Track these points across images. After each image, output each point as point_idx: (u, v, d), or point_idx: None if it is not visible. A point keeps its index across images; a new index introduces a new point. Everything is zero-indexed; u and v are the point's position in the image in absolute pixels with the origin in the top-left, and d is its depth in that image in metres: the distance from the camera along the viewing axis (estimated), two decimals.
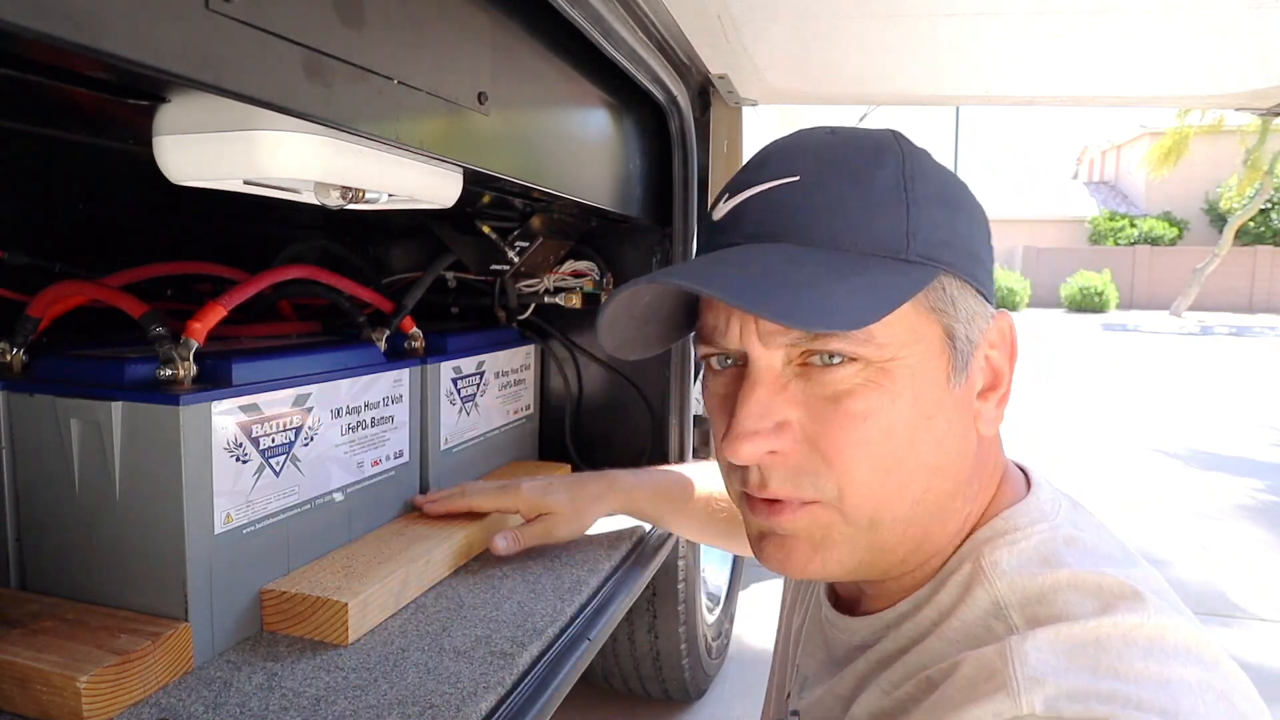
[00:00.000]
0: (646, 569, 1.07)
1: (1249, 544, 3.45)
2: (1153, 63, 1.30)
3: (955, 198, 0.52)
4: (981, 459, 0.54)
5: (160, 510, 0.73)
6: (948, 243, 0.50)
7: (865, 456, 0.49)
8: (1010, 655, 0.43)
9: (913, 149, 0.53)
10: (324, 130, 0.62)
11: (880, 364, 0.49)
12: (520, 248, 1.32)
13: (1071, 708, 0.40)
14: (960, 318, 0.51)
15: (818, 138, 0.53)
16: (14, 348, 0.84)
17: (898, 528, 0.51)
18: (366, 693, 0.71)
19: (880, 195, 0.49)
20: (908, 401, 0.49)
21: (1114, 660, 0.42)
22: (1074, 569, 0.47)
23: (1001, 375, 0.53)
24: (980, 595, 0.49)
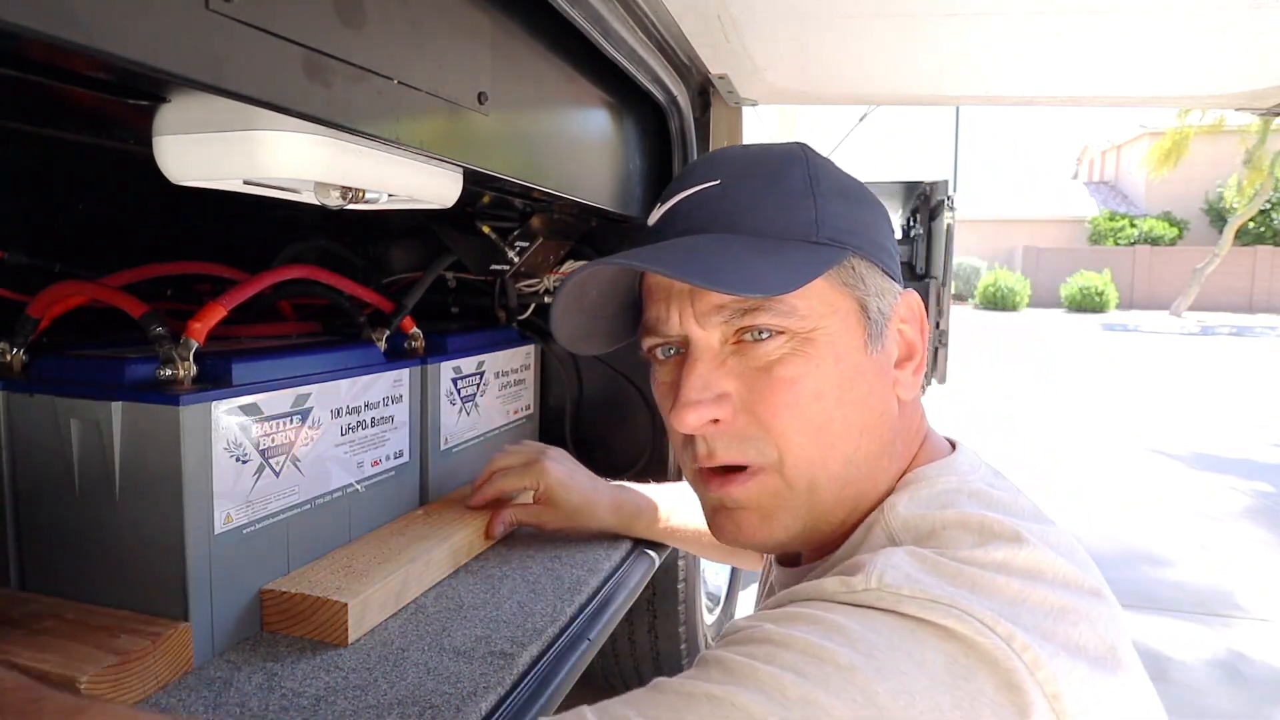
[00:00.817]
0: (646, 569, 1.07)
1: (1249, 544, 3.45)
2: (1153, 63, 1.30)
3: (856, 194, 0.61)
4: (904, 422, 0.60)
5: (160, 510, 0.73)
6: (852, 230, 0.58)
7: (797, 417, 0.55)
8: (876, 555, 0.48)
9: (816, 156, 0.61)
10: (324, 130, 0.62)
11: (804, 334, 0.55)
12: (520, 248, 1.32)
13: (910, 588, 0.44)
14: (871, 292, 0.58)
15: (733, 152, 0.63)
16: (14, 348, 0.84)
17: (834, 486, 0.57)
18: (366, 693, 0.71)
19: (791, 191, 0.58)
20: (830, 366, 0.56)
21: (975, 575, 0.46)
22: (964, 509, 0.52)
23: (915, 346, 0.61)
24: (878, 533, 0.54)
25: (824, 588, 0.47)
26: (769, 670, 0.42)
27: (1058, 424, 5.87)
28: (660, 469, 1.44)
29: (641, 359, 0.66)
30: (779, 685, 0.41)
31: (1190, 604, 2.81)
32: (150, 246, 1.25)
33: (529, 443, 1.14)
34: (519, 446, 1.11)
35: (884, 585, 0.45)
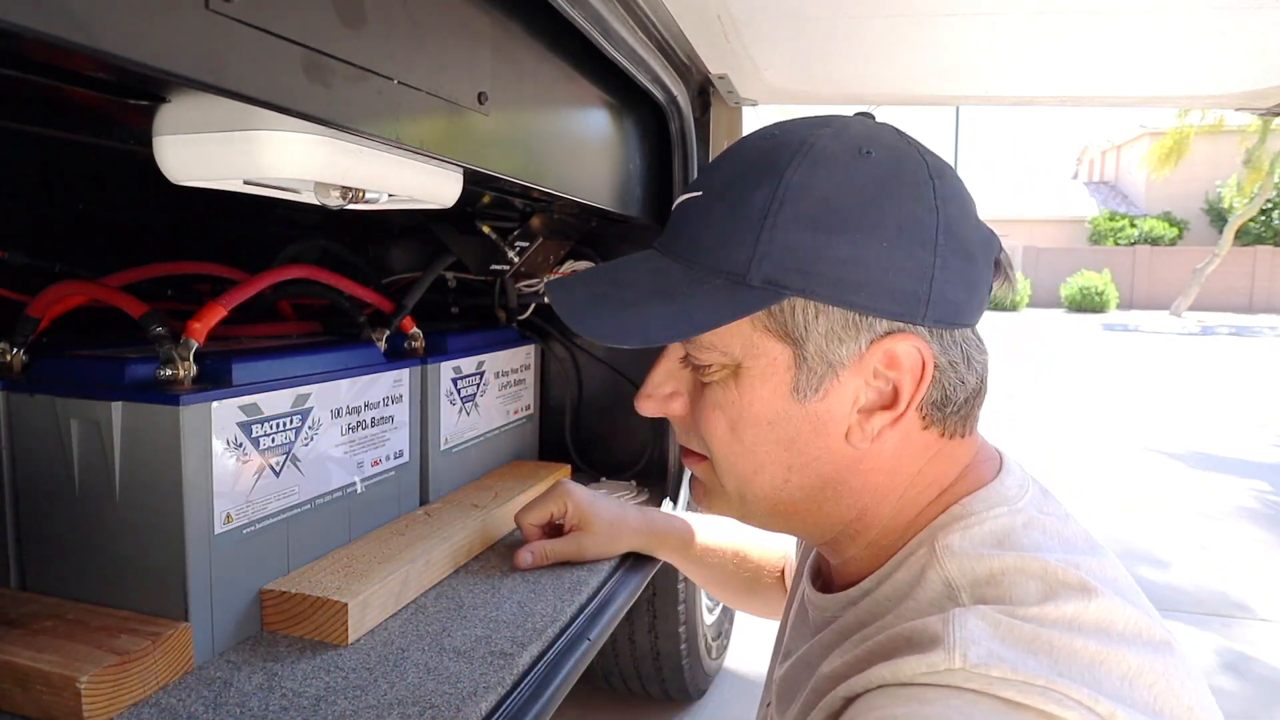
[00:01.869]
0: (647, 569, 1.07)
1: (1249, 544, 3.45)
2: (1153, 63, 1.30)
3: (843, 221, 0.51)
4: (876, 465, 0.57)
5: (160, 510, 0.73)
6: (806, 269, 0.51)
7: (718, 438, 0.58)
8: (952, 621, 0.45)
9: (809, 166, 0.52)
10: (324, 130, 0.62)
11: (730, 367, 0.56)
12: (520, 248, 1.32)
13: (1000, 669, 0.42)
14: (812, 339, 0.53)
15: (743, 148, 0.58)
16: (14, 348, 0.84)
17: (763, 503, 0.59)
18: (366, 693, 0.71)
19: (743, 218, 0.53)
20: (749, 404, 0.56)
21: (1051, 638, 0.44)
22: (1023, 553, 0.50)
23: (899, 395, 0.54)
24: (933, 577, 0.51)
25: (903, 671, 0.45)
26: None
27: (1057, 424, 5.87)
28: (660, 469, 1.44)
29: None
30: None
31: (1190, 604, 2.81)
32: (150, 246, 1.25)
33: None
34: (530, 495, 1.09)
35: (970, 666, 0.43)
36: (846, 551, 0.61)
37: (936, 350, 0.54)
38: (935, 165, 0.55)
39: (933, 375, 0.54)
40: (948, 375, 0.55)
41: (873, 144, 0.53)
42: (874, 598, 0.56)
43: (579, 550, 1.02)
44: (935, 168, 0.54)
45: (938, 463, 0.58)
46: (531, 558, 1.00)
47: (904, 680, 0.45)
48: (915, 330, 0.53)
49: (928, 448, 0.57)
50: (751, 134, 0.59)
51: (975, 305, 0.56)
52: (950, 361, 0.55)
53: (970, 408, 0.57)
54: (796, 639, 0.68)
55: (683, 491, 1.41)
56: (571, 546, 1.02)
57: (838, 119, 0.57)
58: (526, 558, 1.00)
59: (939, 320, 0.53)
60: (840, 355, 0.53)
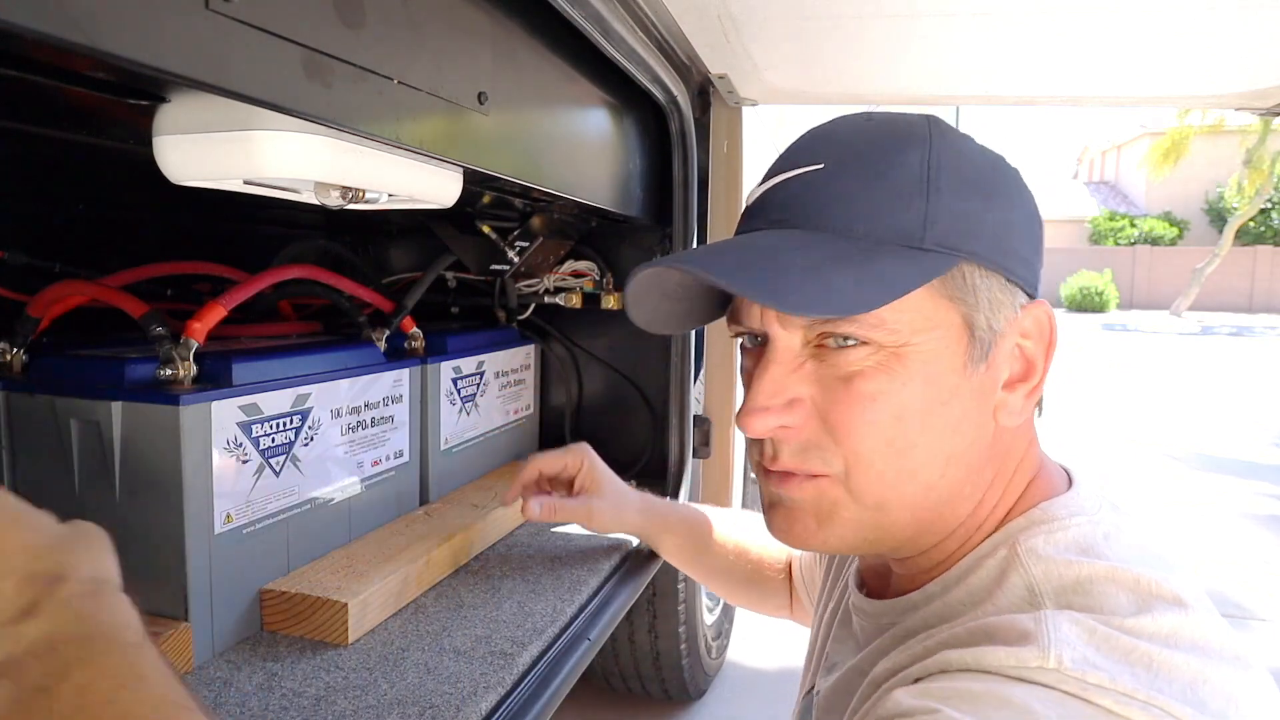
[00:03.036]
0: (647, 569, 1.07)
1: (1250, 544, 3.45)
2: (1153, 63, 1.30)
3: (990, 186, 0.52)
4: (1001, 449, 0.54)
5: (160, 510, 0.73)
6: (972, 231, 0.50)
7: (873, 436, 0.50)
8: (1045, 620, 0.43)
9: (946, 136, 0.53)
10: (324, 130, 0.62)
11: (893, 348, 0.50)
12: (520, 248, 1.32)
13: (1096, 676, 0.40)
14: (981, 306, 0.51)
15: (851, 125, 0.55)
16: (14, 348, 0.84)
17: (905, 511, 0.53)
18: (366, 693, 0.71)
19: (900, 184, 0.50)
20: (919, 386, 0.50)
21: (1150, 652, 0.41)
22: (1112, 563, 0.47)
23: (1034, 366, 0.53)
24: (1015, 581, 0.48)
25: (987, 659, 0.42)
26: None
27: (1057, 424, 5.87)
28: (660, 469, 1.44)
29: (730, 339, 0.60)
30: None
31: None
32: (150, 246, 1.25)
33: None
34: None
35: (1065, 669, 0.40)
36: (931, 558, 0.56)
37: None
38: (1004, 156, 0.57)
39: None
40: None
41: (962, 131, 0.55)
42: (945, 601, 0.52)
43: (587, 514, 1.00)
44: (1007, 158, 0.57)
45: (1031, 451, 0.56)
46: (540, 509, 0.97)
47: (988, 668, 0.42)
48: (1039, 300, 0.53)
49: (1029, 431, 0.56)
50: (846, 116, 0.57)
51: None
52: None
53: None
54: (841, 651, 0.64)
55: (683, 492, 1.41)
56: (581, 509, 0.99)
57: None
58: (535, 508, 0.96)
59: (1036, 292, 0.54)
60: (1000, 321, 0.52)
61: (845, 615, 0.66)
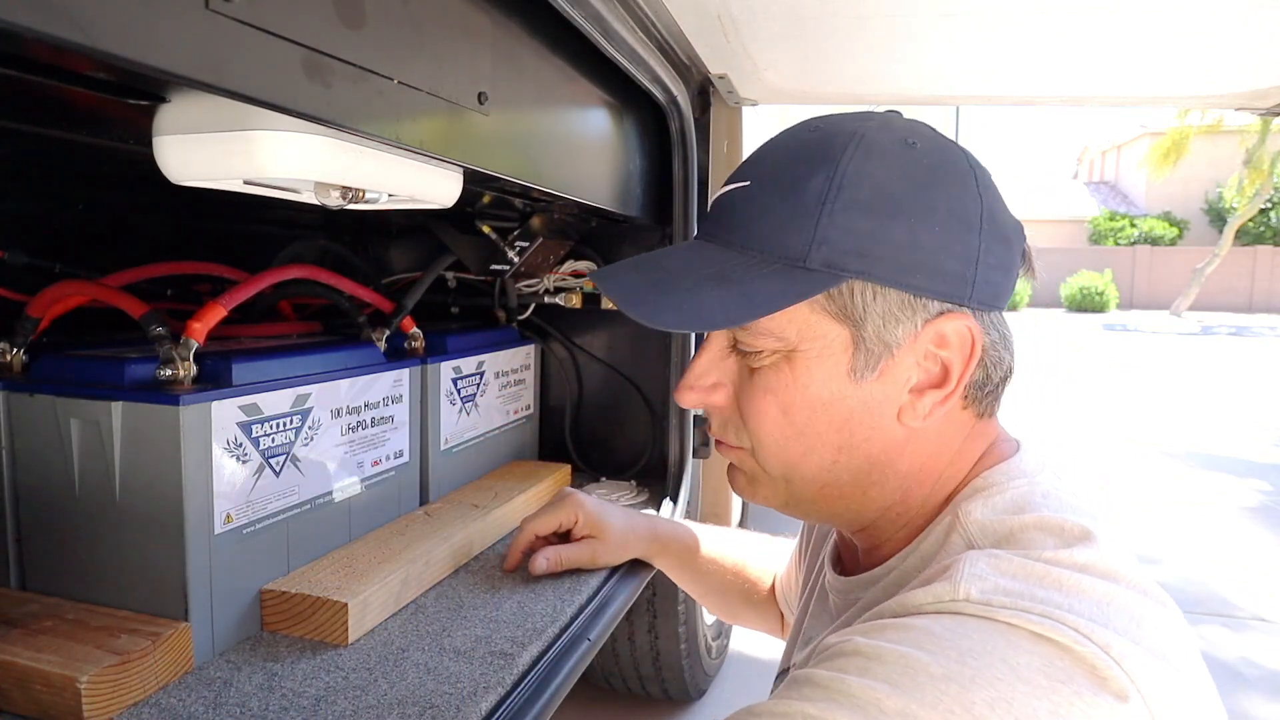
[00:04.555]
0: (647, 569, 1.07)
1: (1249, 544, 3.45)
2: (1153, 63, 1.30)
3: (898, 205, 0.53)
4: (919, 444, 0.58)
5: (160, 510, 0.73)
6: (864, 251, 0.53)
7: (768, 424, 0.58)
8: (964, 558, 0.48)
9: (864, 153, 0.54)
10: (324, 130, 0.62)
11: (784, 353, 0.56)
12: (520, 248, 1.32)
13: (1000, 599, 0.44)
14: (870, 321, 0.55)
15: (789, 140, 0.59)
16: (14, 348, 0.84)
17: (810, 486, 0.59)
18: (366, 693, 0.71)
19: (799, 205, 0.54)
20: (804, 386, 0.56)
21: (1061, 576, 0.46)
22: (1041, 513, 0.52)
23: (948, 374, 0.56)
24: (955, 540, 0.54)
25: (910, 602, 0.47)
26: (862, 684, 0.41)
27: (1057, 424, 5.87)
28: (660, 469, 1.44)
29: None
30: (874, 699, 0.40)
31: (1190, 604, 2.81)
32: (150, 246, 1.25)
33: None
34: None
35: (971, 598, 0.44)
36: (882, 534, 0.61)
37: (981, 330, 0.56)
38: (971, 156, 0.58)
39: (979, 355, 0.56)
40: (990, 355, 0.57)
41: (915, 136, 0.56)
42: (901, 570, 0.57)
43: (592, 558, 1.01)
44: (972, 159, 0.58)
45: (971, 441, 0.60)
46: (547, 563, 0.98)
47: (910, 610, 0.46)
48: (963, 311, 0.55)
49: (964, 426, 0.59)
50: (794, 127, 0.60)
51: (1009, 289, 0.59)
52: (992, 341, 0.57)
53: (1001, 388, 0.60)
54: (816, 626, 0.69)
55: (683, 492, 1.41)
56: (585, 554, 1.00)
57: (875, 114, 0.58)
58: (542, 563, 0.98)
59: (982, 302, 0.56)
60: (896, 335, 0.55)
61: (822, 594, 0.70)
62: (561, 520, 1.01)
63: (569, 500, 1.02)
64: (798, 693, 0.43)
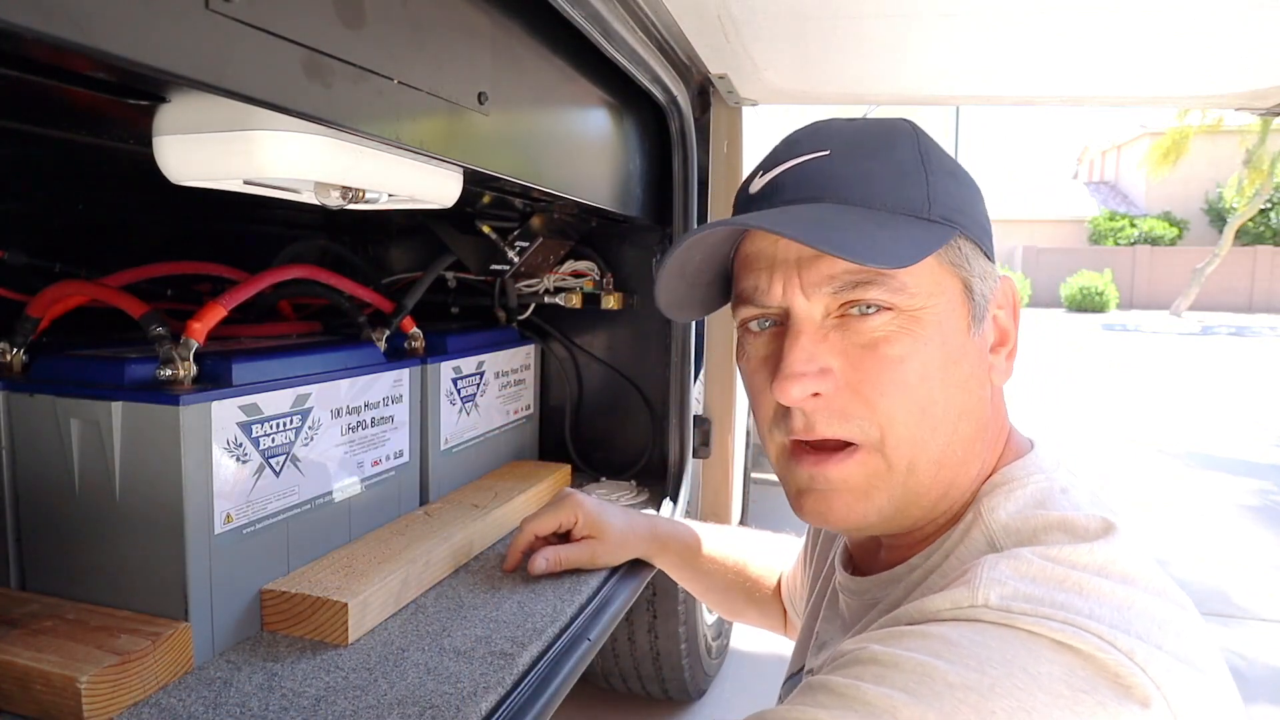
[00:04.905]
0: (647, 569, 1.07)
1: (1249, 544, 3.45)
2: (1153, 63, 1.30)
3: (962, 175, 0.59)
4: (995, 408, 0.60)
5: (160, 510, 0.73)
6: (960, 208, 0.57)
7: (902, 396, 0.54)
8: (983, 562, 0.47)
9: (922, 133, 0.60)
10: (324, 130, 0.62)
11: (911, 312, 0.54)
12: (520, 248, 1.32)
13: (1021, 605, 0.43)
14: (975, 273, 0.57)
15: (839, 124, 0.61)
16: (14, 348, 0.84)
17: (930, 470, 0.56)
18: (366, 693, 0.71)
19: (903, 166, 0.56)
20: (937, 346, 0.54)
21: (1081, 580, 0.45)
22: (1062, 511, 0.52)
23: (1008, 333, 0.60)
24: (977, 535, 0.54)
25: (928, 608, 0.46)
26: (878, 692, 0.40)
27: (1057, 424, 5.87)
28: (660, 469, 1.44)
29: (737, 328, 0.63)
30: (890, 707, 0.39)
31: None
32: (150, 246, 1.25)
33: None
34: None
35: (990, 604, 0.44)
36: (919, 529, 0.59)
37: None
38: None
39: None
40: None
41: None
42: (924, 568, 0.57)
43: (591, 558, 1.01)
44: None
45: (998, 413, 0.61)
46: (546, 564, 0.98)
47: (928, 616, 0.46)
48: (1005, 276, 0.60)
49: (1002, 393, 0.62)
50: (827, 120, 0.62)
51: None
52: None
53: None
54: (829, 630, 0.68)
55: (683, 492, 1.41)
56: (585, 554, 1.00)
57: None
58: (541, 564, 0.98)
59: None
60: (988, 290, 0.58)
61: (833, 596, 0.69)
62: (561, 520, 1.01)
63: (568, 500, 1.02)
64: (812, 699, 0.43)
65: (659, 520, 1.08)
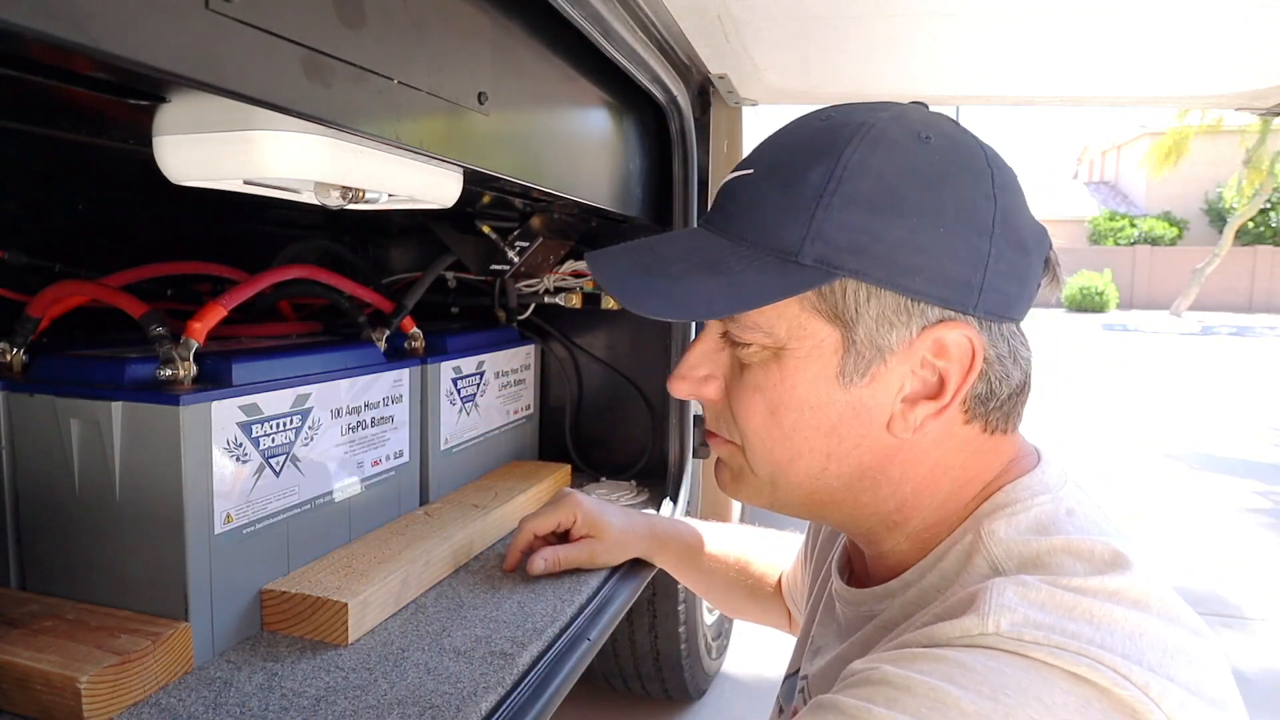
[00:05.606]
0: (647, 569, 1.07)
1: (1249, 544, 3.45)
2: (1153, 63, 1.30)
3: (901, 203, 0.50)
4: (916, 456, 0.56)
5: (160, 510, 0.73)
6: (860, 249, 0.50)
7: (755, 422, 0.56)
8: (990, 587, 0.46)
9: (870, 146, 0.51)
10: (324, 130, 0.62)
11: (773, 349, 0.54)
12: (520, 248, 1.32)
13: (1033, 634, 0.42)
14: (861, 323, 0.52)
15: (798, 128, 0.57)
16: (14, 348, 0.84)
17: (796, 492, 0.58)
18: (366, 693, 0.71)
19: (796, 197, 0.52)
20: (791, 387, 0.54)
21: (1091, 607, 0.44)
22: (1069, 536, 0.50)
23: (945, 385, 0.53)
24: (979, 562, 0.51)
25: (938, 635, 0.45)
26: (889, 715, 0.40)
27: (1057, 424, 5.87)
28: (660, 469, 1.44)
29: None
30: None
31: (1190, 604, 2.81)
32: (150, 246, 1.25)
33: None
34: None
35: (1001, 632, 0.43)
36: (884, 544, 0.59)
37: (986, 341, 0.53)
38: (992, 155, 0.54)
39: (981, 367, 0.53)
40: (994, 368, 0.54)
41: (932, 130, 0.53)
42: (919, 588, 0.55)
43: (590, 558, 1.01)
44: (992, 157, 0.54)
45: (980, 458, 0.57)
46: (545, 564, 0.98)
47: (937, 642, 0.45)
48: (966, 319, 0.52)
49: (969, 442, 0.56)
50: (806, 115, 0.58)
51: (1025, 299, 0.54)
52: (998, 354, 0.54)
53: (1014, 404, 0.56)
54: (825, 635, 0.67)
55: (683, 492, 1.41)
56: (584, 554, 1.00)
57: (895, 105, 0.56)
58: (540, 564, 0.98)
59: (990, 311, 0.52)
60: (889, 340, 0.52)
61: (829, 601, 0.68)
62: (560, 520, 1.01)
63: (567, 500, 1.02)
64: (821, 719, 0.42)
65: (658, 519, 1.08)
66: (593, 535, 1.01)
